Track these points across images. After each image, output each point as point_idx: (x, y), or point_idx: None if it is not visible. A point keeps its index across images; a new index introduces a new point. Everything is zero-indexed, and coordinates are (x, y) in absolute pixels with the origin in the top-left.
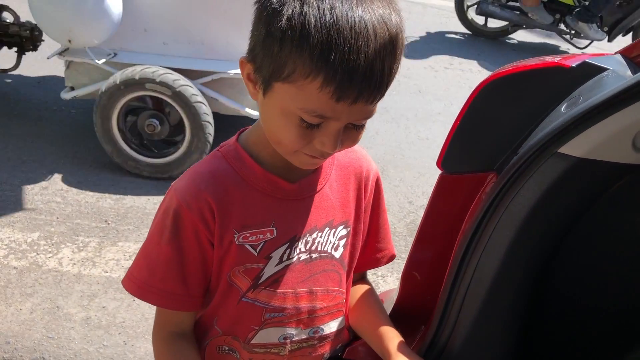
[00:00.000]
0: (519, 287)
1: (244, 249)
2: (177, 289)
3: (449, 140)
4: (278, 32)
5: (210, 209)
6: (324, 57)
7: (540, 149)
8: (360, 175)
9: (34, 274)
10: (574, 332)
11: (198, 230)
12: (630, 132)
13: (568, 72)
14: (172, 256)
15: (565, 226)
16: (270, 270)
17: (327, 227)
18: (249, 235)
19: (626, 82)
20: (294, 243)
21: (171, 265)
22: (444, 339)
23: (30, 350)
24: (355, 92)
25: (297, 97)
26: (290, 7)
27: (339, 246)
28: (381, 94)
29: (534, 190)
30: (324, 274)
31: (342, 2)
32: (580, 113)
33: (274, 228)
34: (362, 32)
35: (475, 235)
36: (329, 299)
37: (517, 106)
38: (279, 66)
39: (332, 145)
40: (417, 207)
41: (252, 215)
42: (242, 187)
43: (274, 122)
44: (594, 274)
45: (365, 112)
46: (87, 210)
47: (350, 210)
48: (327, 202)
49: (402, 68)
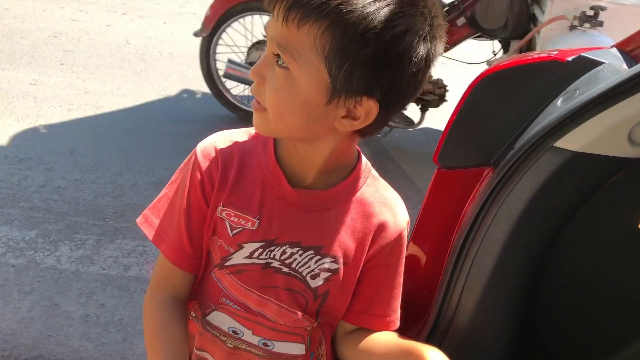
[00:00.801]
0: (515, 281)
1: (223, 223)
2: (186, 246)
3: (446, 135)
4: None
5: (217, 170)
6: None
7: (536, 143)
8: (379, 223)
9: (32, 272)
10: (570, 325)
11: (204, 185)
12: (626, 125)
13: (564, 66)
14: (184, 210)
15: (561, 220)
16: (238, 259)
17: (312, 250)
18: (232, 214)
19: (622, 76)
20: (270, 246)
21: (181, 219)
22: (441, 333)
23: (29, 348)
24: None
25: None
26: None
27: (318, 277)
28: (288, 4)
29: (531, 185)
30: (288, 292)
31: None
32: (577, 107)
33: (257, 221)
34: None
35: (472, 229)
36: (290, 319)
37: (513, 100)
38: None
39: (254, 66)
40: (415, 202)
41: (245, 198)
42: (250, 170)
43: None
44: (590, 267)
45: (276, 28)
46: (85, 208)
47: (347, 250)
48: (326, 227)
49: None
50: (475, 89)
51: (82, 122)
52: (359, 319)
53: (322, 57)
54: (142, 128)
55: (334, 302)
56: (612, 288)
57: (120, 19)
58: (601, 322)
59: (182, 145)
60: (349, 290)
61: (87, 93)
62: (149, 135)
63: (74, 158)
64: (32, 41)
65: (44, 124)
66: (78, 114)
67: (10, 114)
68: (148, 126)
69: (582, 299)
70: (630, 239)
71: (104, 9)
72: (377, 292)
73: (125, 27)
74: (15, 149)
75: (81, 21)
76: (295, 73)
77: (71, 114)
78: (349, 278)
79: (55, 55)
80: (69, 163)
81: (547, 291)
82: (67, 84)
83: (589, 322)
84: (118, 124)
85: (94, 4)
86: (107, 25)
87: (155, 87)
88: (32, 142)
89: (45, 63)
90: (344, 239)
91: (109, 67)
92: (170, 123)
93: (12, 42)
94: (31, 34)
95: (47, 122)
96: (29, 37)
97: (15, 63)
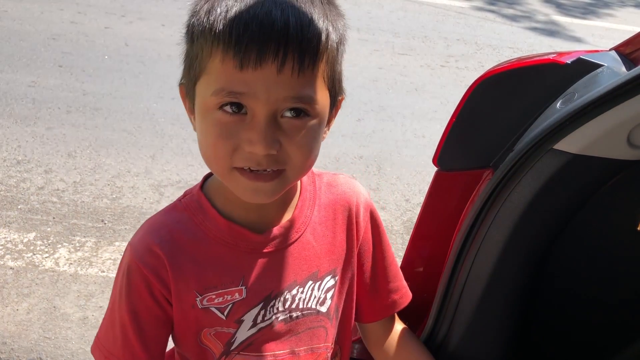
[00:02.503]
0: (515, 283)
1: (209, 312)
2: (138, 357)
3: (445, 138)
4: (189, 32)
5: (163, 266)
6: (221, 24)
7: (536, 146)
8: (349, 211)
9: (30, 274)
10: (570, 326)
11: (152, 288)
12: (625, 128)
13: (563, 69)
14: (129, 320)
15: (561, 222)
16: (243, 334)
17: (311, 280)
18: (215, 296)
19: (621, 78)
20: (269, 302)
21: (129, 331)
22: (441, 335)
23: (27, 351)
24: (255, 49)
25: (208, 85)
26: (200, 7)
27: (326, 299)
28: (294, 54)
29: (530, 187)
30: (308, 332)
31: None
32: (576, 109)
33: (243, 287)
34: (264, 4)
35: (472, 231)
36: (313, 357)
37: (512, 103)
38: (193, 62)
39: (260, 139)
40: (414, 204)
41: (217, 275)
42: (205, 243)
43: (200, 134)
44: (589, 269)
45: (287, 86)
46: (83, 210)
47: (339, 257)
48: (309, 251)
49: (398, 66)
50: (474, 91)
51: (81, 124)
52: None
53: (326, 81)
54: (140, 130)
55: (345, 307)
56: (612, 290)
57: (118, 21)
58: (600, 324)
59: (181, 147)
60: (352, 285)
61: (85, 95)
62: (147, 137)
63: (72, 160)
64: (30, 43)
65: (42, 126)
66: (76, 116)
67: (9, 116)
68: (147, 128)
69: (581, 301)
70: (630, 241)
71: (103, 11)
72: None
73: (124, 29)
74: (14, 151)
75: (80, 23)
76: (314, 112)
77: (70, 116)
78: (349, 276)
79: (54, 57)
80: (68, 165)
81: (547, 293)
82: (65, 86)
83: (588, 324)
84: (117, 126)
85: (93, 6)
86: (106, 28)
87: (153, 89)
88: (30, 144)
89: (44, 65)
90: (332, 248)
91: (107, 69)
92: (169, 125)
93: (11, 44)
94: (30, 36)
95: (45, 124)
96: (27, 39)
97: (13, 65)
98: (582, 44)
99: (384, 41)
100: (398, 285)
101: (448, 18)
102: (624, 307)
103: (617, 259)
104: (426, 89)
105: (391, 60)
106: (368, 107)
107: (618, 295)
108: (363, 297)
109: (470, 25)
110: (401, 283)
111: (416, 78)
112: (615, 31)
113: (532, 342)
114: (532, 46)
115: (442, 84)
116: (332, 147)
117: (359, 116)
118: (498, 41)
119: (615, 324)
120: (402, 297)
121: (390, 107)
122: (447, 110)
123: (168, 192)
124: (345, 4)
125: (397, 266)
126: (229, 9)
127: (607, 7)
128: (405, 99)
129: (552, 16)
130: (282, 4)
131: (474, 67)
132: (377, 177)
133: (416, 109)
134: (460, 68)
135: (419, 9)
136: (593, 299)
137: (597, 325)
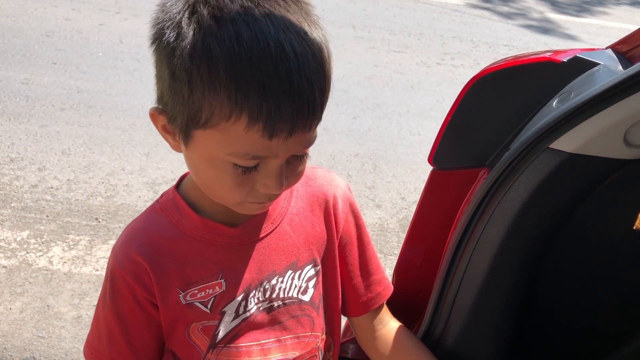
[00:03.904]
0: (511, 283)
1: (194, 306)
2: (125, 356)
3: (440, 136)
4: (183, 74)
5: (145, 270)
6: (242, 93)
7: (531, 145)
8: (326, 204)
9: (23, 272)
10: (566, 326)
11: (135, 292)
12: (621, 127)
13: (559, 67)
14: (114, 321)
15: (557, 222)
16: (227, 326)
17: (290, 269)
18: (197, 291)
19: (617, 77)
20: (250, 293)
21: (114, 331)
22: (436, 335)
23: (20, 350)
24: (288, 125)
25: (224, 143)
26: (189, 41)
27: (308, 288)
28: (318, 119)
29: (526, 186)
30: (292, 320)
31: (249, 25)
32: (572, 108)
33: (223, 280)
34: (279, 56)
35: (467, 231)
36: (301, 346)
37: (508, 101)
38: (194, 112)
39: (277, 185)
40: (409, 203)
41: (196, 270)
42: (182, 241)
43: (205, 175)
44: (586, 269)
45: (305, 141)
46: (77, 208)
47: (319, 247)
48: (287, 241)
49: (394, 64)
50: (470, 89)
51: (75, 121)
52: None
53: None
54: (135, 128)
55: (330, 298)
56: (608, 290)
57: (113, 17)
58: (597, 324)
59: None
60: (335, 277)
61: (79, 92)
62: (142, 135)
63: (66, 158)
64: (24, 40)
65: (36, 124)
66: (70, 114)
67: (2, 113)
68: (141, 126)
69: (578, 300)
70: (627, 241)
71: (97, 7)
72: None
73: (119, 26)
74: (7, 149)
75: (74, 20)
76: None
77: (64, 114)
78: (331, 267)
79: (48, 54)
80: (62, 163)
81: (543, 292)
82: (59, 83)
83: (585, 324)
84: (111, 123)
85: (87, 3)
86: (100, 24)
87: (148, 87)
88: (23, 141)
89: (38, 62)
90: (311, 238)
91: (102, 66)
92: None
93: (4, 41)
94: (23, 33)
95: (39, 122)
96: (21, 35)
97: (7, 62)
98: (577, 41)
99: (379, 38)
100: (380, 277)
101: (444, 15)
102: (620, 306)
103: (614, 258)
104: (422, 87)
105: (387, 57)
106: (364, 105)
107: (615, 294)
108: (348, 290)
109: (466, 22)
110: (383, 275)
111: (412, 76)
112: (611, 29)
113: (527, 342)
114: (528, 44)
115: (438, 82)
116: (328, 145)
117: (354, 114)
118: (494, 39)
119: (612, 323)
120: (385, 289)
121: (386, 105)
122: (442, 108)
123: (162, 190)
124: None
125: (378, 258)
126: (249, 75)
127: (602, 5)
128: (401, 96)
129: (547, 14)
130: (298, 54)
131: (469, 64)
132: (373, 174)
133: (412, 107)
134: (456, 66)
135: (414, 6)
136: (589, 299)
137: (593, 325)
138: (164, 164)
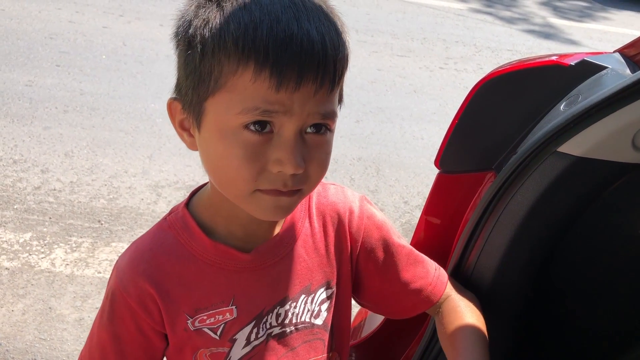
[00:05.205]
0: (517, 287)
1: (202, 332)
2: None
3: (447, 139)
4: (197, 45)
5: (151, 296)
6: (249, 39)
7: (539, 148)
8: (339, 222)
9: (26, 274)
10: (572, 331)
11: (138, 318)
12: (629, 131)
13: (567, 71)
14: (109, 343)
15: (564, 225)
16: (238, 353)
17: (304, 294)
18: (206, 317)
19: (625, 81)
20: (262, 320)
21: (108, 353)
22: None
23: (22, 352)
24: (295, 70)
25: (233, 102)
26: (205, 16)
27: (321, 311)
28: (330, 75)
29: (533, 190)
30: (305, 345)
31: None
32: (580, 112)
33: (234, 307)
34: (287, 4)
35: (474, 234)
36: None
37: (515, 105)
38: (205, 77)
39: (290, 158)
40: (412, 207)
41: (206, 295)
42: (191, 264)
43: (216, 155)
44: (592, 272)
45: (320, 102)
46: (80, 210)
47: (332, 268)
48: (301, 265)
49: (397, 68)
50: (477, 93)
51: (78, 123)
52: (421, 300)
53: (339, 93)
54: (138, 130)
55: (340, 316)
56: (615, 294)
57: (117, 20)
58: (602, 328)
59: (179, 148)
60: (347, 296)
61: (83, 95)
62: (145, 137)
63: (69, 160)
64: (28, 42)
65: (39, 126)
66: (74, 116)
67: (5, 115)
68: (144, 128)
69: (585, 304)
70: (633, 245)
71: (101, 10)
72: (410, 259)
73: (122, 29)
74: (10, 151)
75: (78, 22)
76: (333, 126)
77: (67, 116)
78: (344, 286)
79: (51, 56)
80: (65, 165)
81: (549, 296)
82: (63, 86)
83: (590, 328)
84: (114, 125)
85: (91, 6)
86: (104, 27)
87: (151, 89)
88: (27, 143)
89: (41, 64)
90: (325, 260)
91: (105, 68)
92: (167, 125)
93: (8, 43)
94: (27, 35)
95: (42, 124)
96: (25, 38)
97: (10, 64)
98: (580, 46)
99: (382, 42)
100: (423, 283)
101: (447, 20)
102: (626, 311)
103: (621, 262)
104: (425, 91)
105: (390, 61)
106: (367, 109)
107: (621, 298)
108: (394, 300)
109: (469, 27)
110: (427, 280)
111: (415, 80)
112: (613, 34)
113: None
114: (531, 49)
115: (441, 86)
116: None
117: (357, 118)
118: (497, 43)
119: (617, 328)
120: (434, 289)
121: (389, 109)
122: (445, 112)
123: (165, 193)
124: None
125: (419, 261)
126: (256, 22)
127: (604, 10)
128: (404, 100)
129: (549, 19)
130: (311, 18)
131: (472, 69)
132: (376, 178)
133: (415, 111)
134: (459, 70)
135: (417, 10)
136: (596, 302)
137: (598, 329)
138: (167, 166)
